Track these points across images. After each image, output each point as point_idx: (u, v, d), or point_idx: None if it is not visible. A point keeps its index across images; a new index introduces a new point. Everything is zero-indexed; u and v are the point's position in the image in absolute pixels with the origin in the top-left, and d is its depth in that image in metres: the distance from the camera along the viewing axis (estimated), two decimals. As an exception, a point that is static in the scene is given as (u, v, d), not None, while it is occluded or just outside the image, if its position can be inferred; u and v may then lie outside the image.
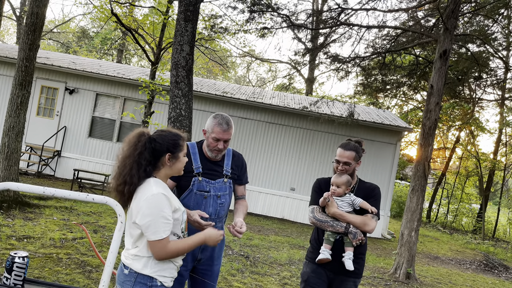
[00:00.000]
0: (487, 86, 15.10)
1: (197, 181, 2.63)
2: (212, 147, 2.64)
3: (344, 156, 2.83)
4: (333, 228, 2.72)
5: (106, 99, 12.15)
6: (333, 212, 2.73)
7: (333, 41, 9.59)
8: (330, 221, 2.73)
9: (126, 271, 1.98)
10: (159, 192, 1.95)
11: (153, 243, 1.92)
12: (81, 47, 27.23)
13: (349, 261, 2.67)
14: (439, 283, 7.40)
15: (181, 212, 2.07)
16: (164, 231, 1.93)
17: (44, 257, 4.87)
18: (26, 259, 1.91)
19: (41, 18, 6.99)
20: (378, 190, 2.90)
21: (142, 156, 2.01)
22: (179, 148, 2.10)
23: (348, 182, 2.78)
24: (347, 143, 2.89)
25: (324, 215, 2.78)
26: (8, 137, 6.91)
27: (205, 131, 2.69)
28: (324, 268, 2.78)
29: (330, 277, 2.78)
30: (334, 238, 2.73)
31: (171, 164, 2.09)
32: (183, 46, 6.36)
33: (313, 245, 2.90)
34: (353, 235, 2.69)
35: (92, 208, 8.26)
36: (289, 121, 11.92)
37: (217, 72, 28.07)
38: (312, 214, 2.80)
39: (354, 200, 2.77)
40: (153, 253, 1.95)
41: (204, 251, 2.67)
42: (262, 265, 6.27)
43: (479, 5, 9.14)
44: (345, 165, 2.81)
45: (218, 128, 2.60)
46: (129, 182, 1.99)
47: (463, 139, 19.54)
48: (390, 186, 11.69)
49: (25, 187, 1.56)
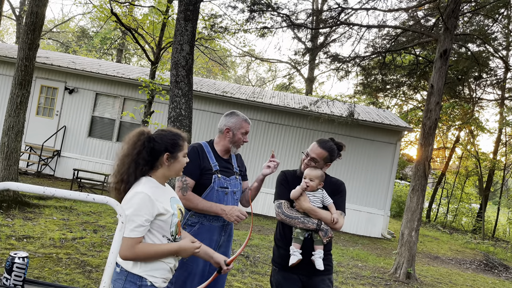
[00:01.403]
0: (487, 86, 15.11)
1: (217, 179, 2.72)
2: (239, 142, 2.82)
3: (314, 152, 2.67)
4: (304, 225, 2.54)
5: (106, 98, 12.13)
6: (306, 207, 2.56)
7: (333, 40, 9.59)
8: (301, 218, 2.56)
9: (118, 269, 1.99)
10: (142, 192, 1.93)
11: (123, 240, 1.89)
12: (80, 46, 27.20)
13: (319, 260, 2.52)
14: (439, 283, 7.40)
15: (169, 215, 2.00)
16: (133, 230, 1.88)
17: (44, 257, 4.86)
18: (26, 260, 1.89)
19: (40, 17, 6.97)
20: (344, 186, 2.77)
21: (140, 156, 2.00)
22: (178, 148, 2.06)
23: (322, 176, 2.64)
24: (325, 141, 2.72)
25: (293, 210, 2.61)
26: (8, 136, 6.90)
27: (229, 129, 2.78)
28: (296, 272, 2.60)
29: (303, 281, 2.62)
30: (304, 236, 2.56)
31: (169, 164, 2.06)
32: (183, 45, 6.35)
33: (280, 247, 2.69)
34: (325, 232, 2.55)
35: (91, 208, 8.25)
36: (289, 120, 11.91)
37: (217, 72, 28.05)
38: (280, 209, 2.61)
39: (325, 198, 2.64)
40: (120, 250, 1.90)
41: (221, 248, 2.75)
42: (262, 265, 6.26)
43: (479, 5, 9.13)
44: (312, 160, 2.67)
45: (245, 123, 2.83)
46: (125, 180, 2.00)
47: (463, 139, 19.54)
48: (390, 185, 11.69)
49: (25, 187, 1.55)
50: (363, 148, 11.76)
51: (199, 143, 2.83)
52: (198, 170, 2.69)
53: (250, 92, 13.46)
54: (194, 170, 2.68)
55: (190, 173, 2.67)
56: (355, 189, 11.63)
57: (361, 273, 7.02)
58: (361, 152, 11.76)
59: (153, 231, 1.98)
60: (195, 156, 2.71)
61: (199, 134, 11.60)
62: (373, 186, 11.65)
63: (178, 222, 2.05)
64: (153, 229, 1.98)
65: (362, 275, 6.87)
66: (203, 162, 2.72)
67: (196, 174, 2.69)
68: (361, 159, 11.73)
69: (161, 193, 2.02)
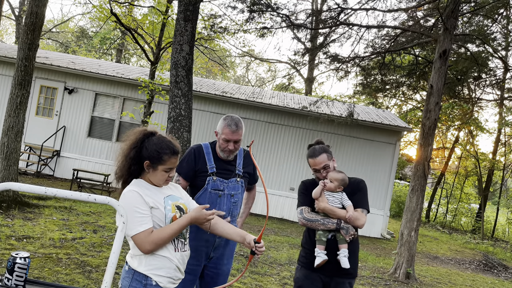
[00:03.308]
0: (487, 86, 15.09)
1: (212, 181, 2.71)
2: (223, 148, 2.72)
3: (319, 162, 2.74)
4: (324, 226, 2.63)
5: (106, 99, 12.13)
6: (323, 207, 2.65)
7: (333, 41, 9.59)
8: (320, 219, 2.65)
9: (126, 268, 2.04)
10: (130, 190, 1.99)
11: (134, 239, 1.94)
12: (80, 46, 27.19)
13: (344, 259, 2.58)
14: (438, 282, 7.41)
15: (161, 209, 2.02)
16: (141, 224, 1.93)
17: (44, 257, 4.86)
18: (27, 260, 1.90)
19: (40, 17, 6.97)
20: (364, 183, 2.83)
21: (130, 154, 2.06)
22: (159, 161, 2.05)
23: (343, 180, 2.70)
24: (313, 150, 2.80)
25: (313, 214, 2.70)
26: (8, 137, 6.90)
27: (216, 133, 2.76)
28: (318, 272, 2.67)
29: (325, 281, 2.68)
30: (326, 238, 2.64)
31: (150, 171, 2.07)
32: (182, 45, 6.36)
33: (306, 248, 2.79)
34: (345, 230, 2.61)
35: (91, 208, 8.25)
36: (289, 121, 11.91)
37: (217, 72, 28.05)
38: (301, 215, 2.71)
39: (344, 199, 2.69)
40: (138, 249, 1.96)
41: (217, 249, 2.73)
42: (262, 265, 6.27)
43: (478, 5, 9.14)
44: (325, 169, 2.74)
45: (227, 129, 2.67)
46: (119, 175, 2.09)
47: (463, 139, 19.56)
48: (389, 186, 11.70)
49: (26, 187, 1.56)
50: (363, 148, 11.77)
51: (200, 144, 2.84)
52: (192, 172, 2.72)
53: (250, 92, 13.47)
54: (188, 172, 2.72)
55: (185, 173, 2.72)
56: (354, 189, 11.62)
57: (361, 273, 7.03)
58: (361, 152, 11.77)
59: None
60: (190, 158, 2.75)
61: (198, 134, 11.60)
62: (373, 186, 11.65)
63: (174, 216, 2.05)
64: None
65: (361, 275, 6.88)
66: (198, 164, 2.73)
67: (190, 175, 2.72)
68: (360, 159, 11.74)
69: (151, 192, 2.05)
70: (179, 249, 2.07)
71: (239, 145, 2.75)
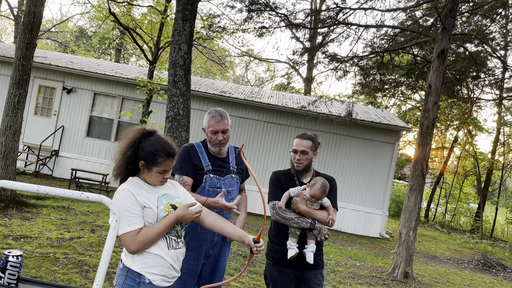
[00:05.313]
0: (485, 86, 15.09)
1: (209, 178, 2.72)
2: (213, 141, 2.74)
3: (302, 145, 2.78)
4: (298, 225, 2.66)
5: (104, 98, 12.12)
6: (302, 209, 2.67)
7: (331, 40, 9.59)
8: (295, 218, 2.67)
9: (121, 265, 2.05)
10: (123, 188, 2.00)
11: (121, 238, 1.95)
12: (79, 46, 27.18)
13: (310, 254, 2.62)
14: (437, 282, 7.41)
15: (153, 208, 2.01)
16: (129, 224, 1.93)
17: (41, 256, 4.85)
18: (20, 258, 1.90)
19: (38, 17, 6.96)
20: (335, 182, 2.87)
21: (127, 153, 2.06)
22: (154, 163, 2.03)
23: (325, 192, 2.68)
24: (303, 133, 2.87)
25: (288, 211, 2.71)
26: (5, 136, 6.88)
27: (204, 129, 2.79)
28: (290, 266, 2.72)
29: (298, 274, 2.73)
30: (300, 232, 2.69)
31: (145, 172, 2.07)
32: (181, 45, 6.35)
33: (275, 242, 2.79)
34: (318, 230, 2.66)
35: (89, 208, 8.23)
36: (288, 120, 11.91)
37: (215, 72, 28.05)
38: (275, 210, 2.71)
39: (324, 200, 2.71)
40: (125, 248, 1.97)
41: (215, 247, 2.74)
42: (260, 265, 6.26)
43: (477, 5, 9.14)
44: (302, 153, 2.77)
45: (212, 121, 2.72)
46: (117, 173, 2.08)
47: (461, 139, 19.56)
48: (388, 185, 11.70)
49: (19, 185, 1.55)
50: (362, 147, 11.77)
51: (192, 143, 2.85)
52: (192, 168, 2.73)
53: (249, 92, 13.46)
54: (190, 169, 2.72)
55: (186, 171, 2.71)
56: (353, 189, 11.64)
57: (359, 272, 7.03)
58: (360, 152, 11.76)
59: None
60: (187, 155, 2.76)
61: (197, 134, 11.59)
62: (372, 185, 11.66)
63: (166, 216, 2.04)
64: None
65: (360, 275, 6.87)
66: (194, 161, 2.75)
67: (192, 171, 2.73)
68: (359, 158, 11.74)
69: (145, 191, 2.04)
70: (173, 247, 2.05)
71: (228, 136, 2.76)
